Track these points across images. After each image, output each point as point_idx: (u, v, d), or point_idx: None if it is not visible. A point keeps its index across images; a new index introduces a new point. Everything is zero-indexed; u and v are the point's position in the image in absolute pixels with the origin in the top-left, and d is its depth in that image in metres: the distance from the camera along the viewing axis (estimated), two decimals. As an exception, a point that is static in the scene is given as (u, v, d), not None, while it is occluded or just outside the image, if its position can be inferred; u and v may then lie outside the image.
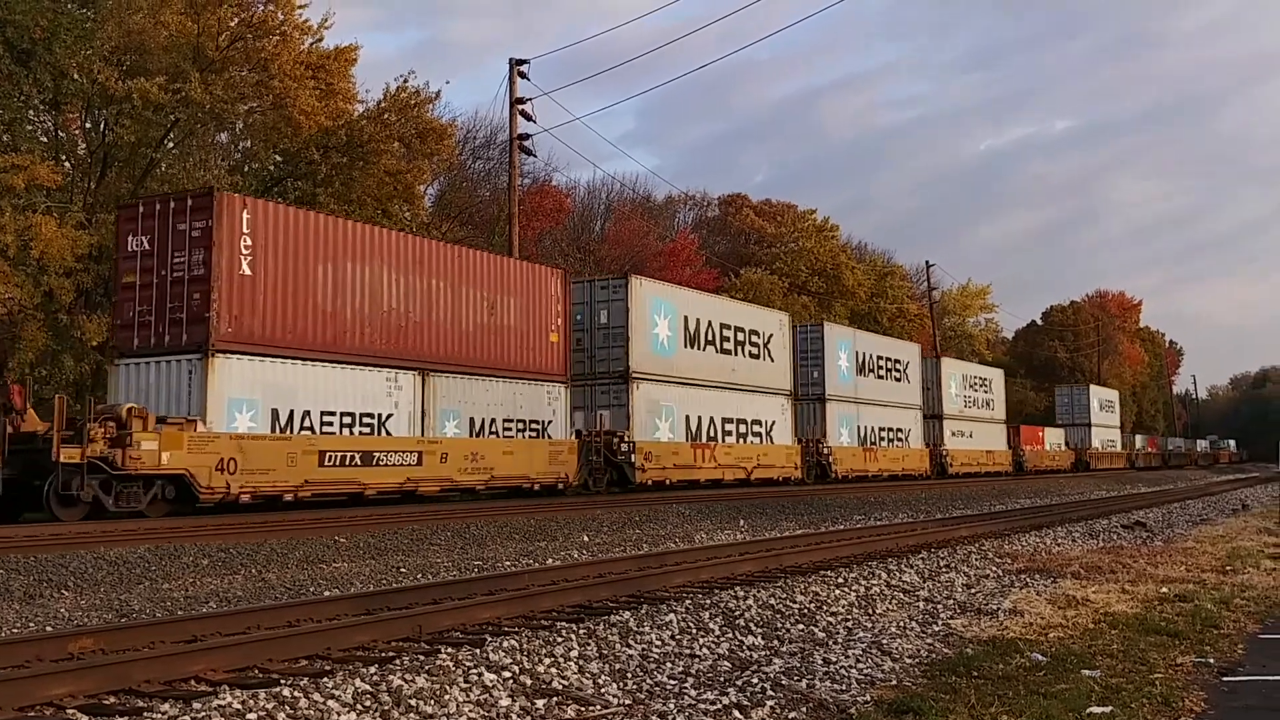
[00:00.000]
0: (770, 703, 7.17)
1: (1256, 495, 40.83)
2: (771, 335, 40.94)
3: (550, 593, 11.59)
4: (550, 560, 16.43)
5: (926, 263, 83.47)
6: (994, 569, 15.07)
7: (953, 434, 57.22)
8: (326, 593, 12.74)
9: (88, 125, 35.69)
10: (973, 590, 12.99)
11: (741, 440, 37.91)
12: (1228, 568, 15.19)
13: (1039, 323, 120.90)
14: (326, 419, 23.31)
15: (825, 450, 42.89)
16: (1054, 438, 76.32)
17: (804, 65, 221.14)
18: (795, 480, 40.01)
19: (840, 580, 13.22)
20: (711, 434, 36.20)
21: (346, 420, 23.81)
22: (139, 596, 12.54)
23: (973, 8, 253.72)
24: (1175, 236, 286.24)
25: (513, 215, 39.34)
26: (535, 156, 42.59)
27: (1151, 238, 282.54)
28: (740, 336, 38.81)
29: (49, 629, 10.18)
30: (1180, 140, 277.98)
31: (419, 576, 14.51)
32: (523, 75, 38.33)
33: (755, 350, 39.64)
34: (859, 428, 47.05)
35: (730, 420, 37.35)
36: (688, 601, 11.28)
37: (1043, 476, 62.07)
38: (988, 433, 62.32)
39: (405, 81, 38.34)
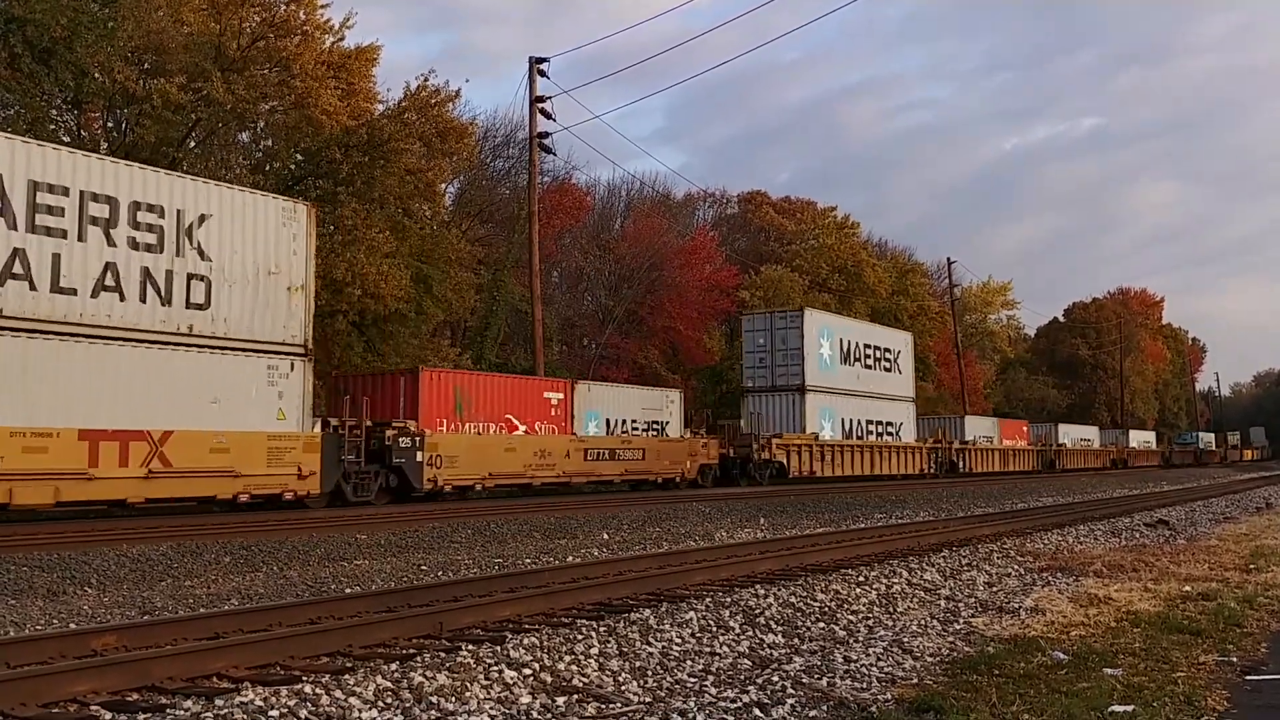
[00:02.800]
0: (791, 701, 7.16)
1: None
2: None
3: (570, 590, 11.60)
4: (570, 558, 16.45)
5: (948, 259, 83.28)
6: (1016, 567, 15.00)
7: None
8: (348, 590, 12.77)
9: (109, 124, 35.86)
10: (994, 589, 12.94)
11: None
12: (1251, 566, 15.08)
13: (1061, 320, 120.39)
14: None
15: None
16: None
17: (829, 67, 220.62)
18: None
19: (861, 578, 13.19)
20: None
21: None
22: (161, 593, 12.60)
23: (996, 11, 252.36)
24: (1199, 237, 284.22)
25: (532, 214, 39.40)
26: (555, 155, 42.69)
27: (1175, 238, 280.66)
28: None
29: (72, 626, 10.23)
30: (1205, 143, 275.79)
31: (440, 574, 14.54)
32: (542, 74, 38.39)
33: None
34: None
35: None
36: (708, 599, 11.28)
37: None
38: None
39: (425, 80, 38.45)
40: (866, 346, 49.33)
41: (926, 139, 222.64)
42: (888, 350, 51.13)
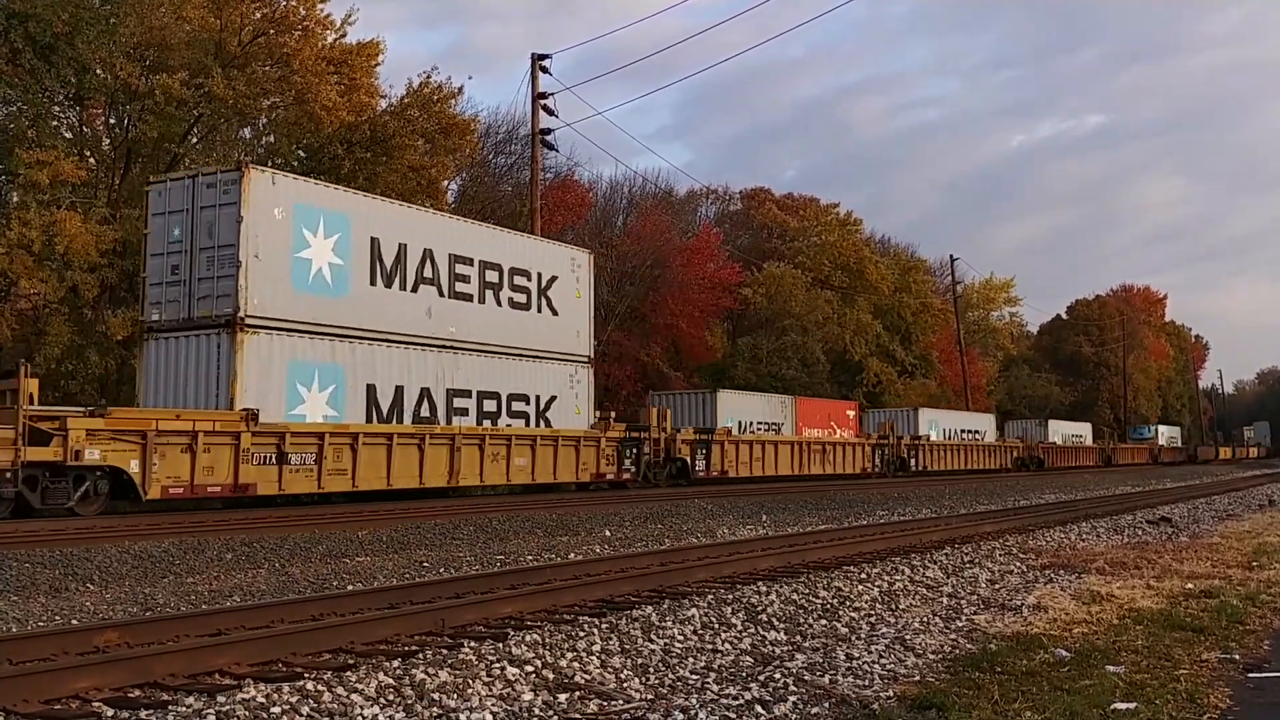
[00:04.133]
0: (792, 698, 7.15)
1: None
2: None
3: (572, 587, 11.59)
4: (572, 555, 16.44)
5: (951, 257, 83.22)
6: (1018, 564, 15.00)
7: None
8: (350, 587, 12.78)
9: (111, 120, 35.87)
10: (996, 586, 12.93)
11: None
12: (1254, 564, 15.07)
13: (1064, 317, 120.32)
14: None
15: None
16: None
17: (835, 64, 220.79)
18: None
19: (863, 576, 13.19)
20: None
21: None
22: (163, 590, 12.60)
23: (1003, 5, 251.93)
24: (1202, 234, 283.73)
25: (534, 210, 39.37)
26: (557, 151, 42.63)
27: (1178, 235, 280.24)
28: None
29: (74, 622, 10.23)
30: (1208, 140, 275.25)
31: (441, 571, 14.55)
32: (545, 70, 38.36)
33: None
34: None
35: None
36: (710, 596, 11.28)
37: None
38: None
39: (428, 77, 38.45)
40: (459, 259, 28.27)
41: (931, 136, 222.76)
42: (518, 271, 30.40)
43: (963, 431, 64.31)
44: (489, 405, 28.90)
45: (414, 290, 26.82)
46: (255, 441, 21.22)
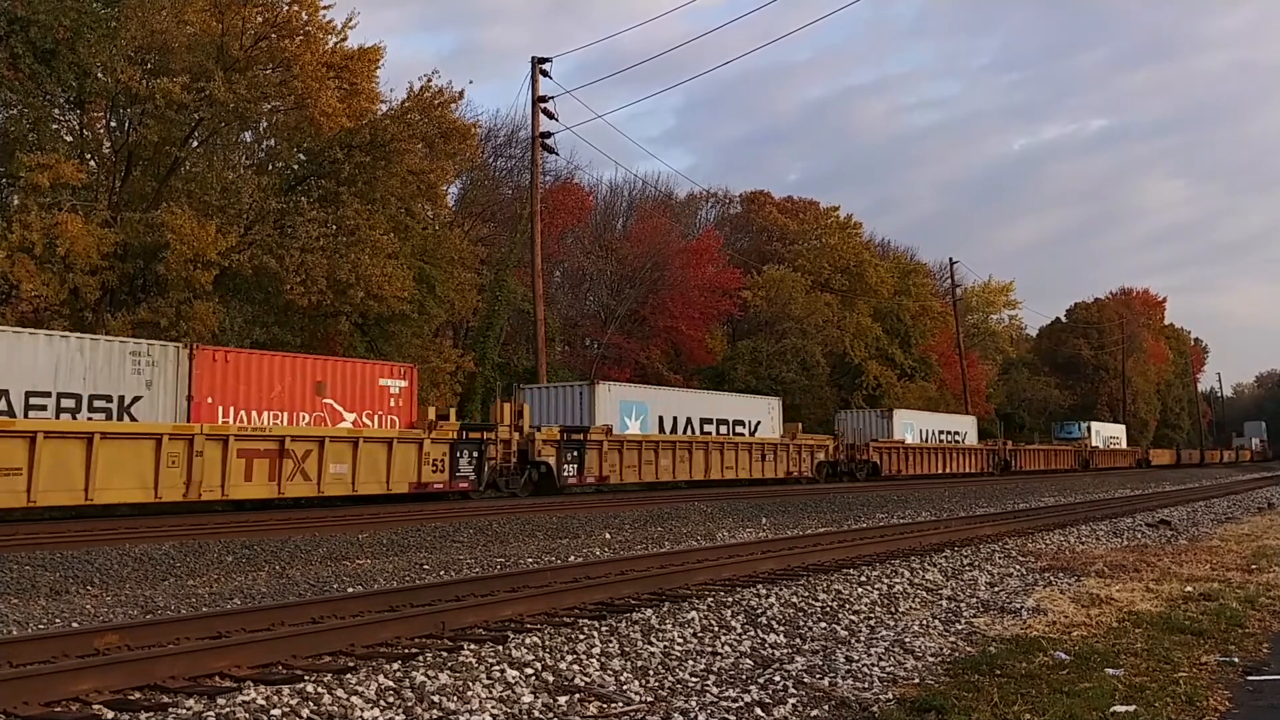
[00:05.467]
0: (792, 700, 7.16)
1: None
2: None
3: (573, 590, 11.60)
4: (572, 557, 16.45)
5: (950, 259, 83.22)
6: (1017, 567, 15.01)
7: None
8: (350, 589, 12.79)
9: (112, 124, 35.88)
10: (996, 589, 12.94)
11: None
12: (1253, 566, 15.08)
13: (1063, 320, 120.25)
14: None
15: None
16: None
17: (839, 67, 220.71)
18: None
19: (863, 578, 13.20)
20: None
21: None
22: (164, 593, 12.61)
23: (1006, 8, 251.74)
24: (1202, 237, 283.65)
25: (534, 213, 39.43)
26: (557, 154, 42.71)
27: (1178, 237, 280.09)
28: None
29: (75, 625, 10.25)
30: (1210, 143, 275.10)
31: (441, 573, 14.56)
32: (545, 73, 38.43)
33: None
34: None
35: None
36: (710, 599, 11.29)
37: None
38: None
39: (429, 81, 38.43)
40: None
41: (935, 138, 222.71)
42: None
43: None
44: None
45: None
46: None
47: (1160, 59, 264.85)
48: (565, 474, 31.32)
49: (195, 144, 35.12)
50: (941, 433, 62.10)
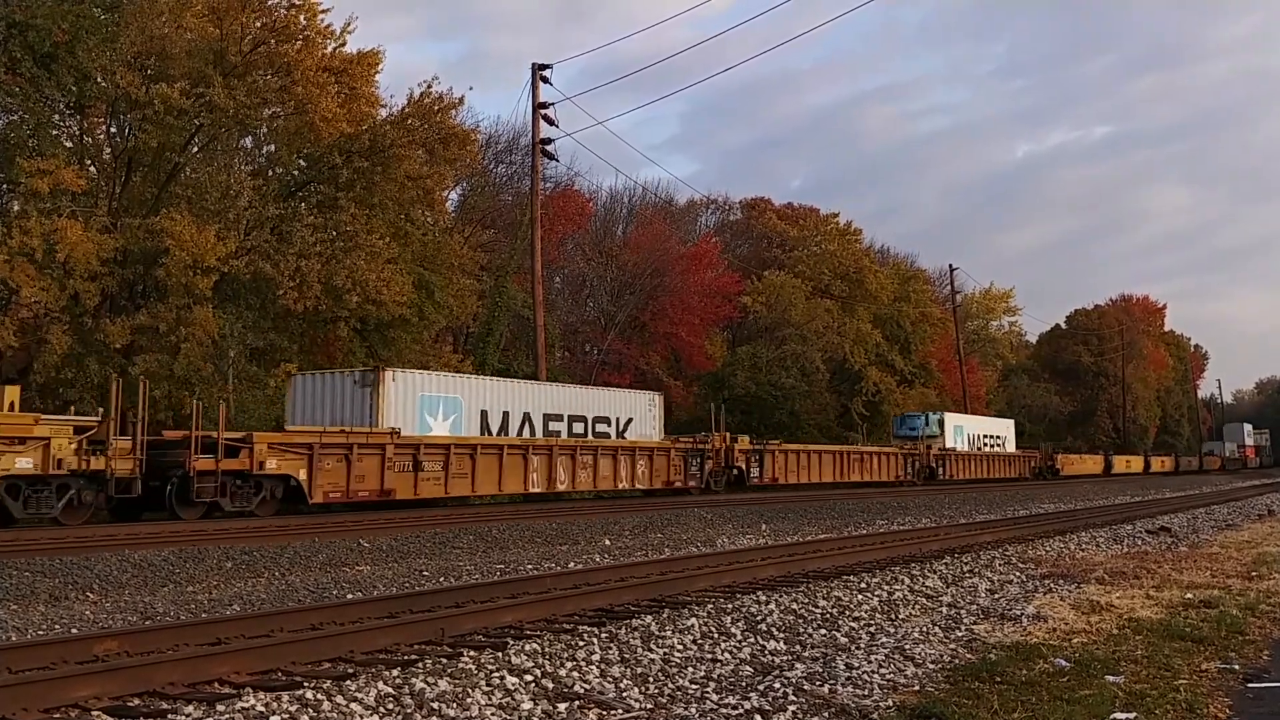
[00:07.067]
0: (792, 707, 7.16)
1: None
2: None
3: (572, 596, 11.59)
4: (572, 564, 16.44)
5: (950, 266, 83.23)
6: (1017, 574, 15.00)
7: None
8: (349, 596, 12.77)
9: (112, 129, 35.90)
10: (996, 595, 12.93)
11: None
12: (1253, 573, 15.07)
13: (1063, 326, 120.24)
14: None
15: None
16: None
17: (844, 74, 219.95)
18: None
19: (863, 585, 13.19)
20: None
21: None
22: (163, 599, 12.60)
23: (1011, 16, 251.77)
24: (1202, 243, 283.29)
25: (534, 219, 39.41)
26: (557, 161, 42.68)
27: (1179, 244, 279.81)
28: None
29: (74, 631, 10.24)
30: (1214, 149, 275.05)
31: (441, 580, 14.54)
32: (545, 80, 38.39)
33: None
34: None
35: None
36: (709, 606, 11.28)
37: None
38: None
39: (429, 87, 38.44)
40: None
41: (939, 144, 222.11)
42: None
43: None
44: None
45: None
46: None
47: (1166, 66, 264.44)
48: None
49: (195, 150, 35.14)
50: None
